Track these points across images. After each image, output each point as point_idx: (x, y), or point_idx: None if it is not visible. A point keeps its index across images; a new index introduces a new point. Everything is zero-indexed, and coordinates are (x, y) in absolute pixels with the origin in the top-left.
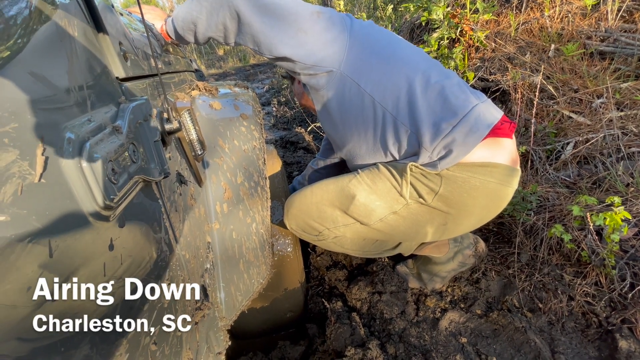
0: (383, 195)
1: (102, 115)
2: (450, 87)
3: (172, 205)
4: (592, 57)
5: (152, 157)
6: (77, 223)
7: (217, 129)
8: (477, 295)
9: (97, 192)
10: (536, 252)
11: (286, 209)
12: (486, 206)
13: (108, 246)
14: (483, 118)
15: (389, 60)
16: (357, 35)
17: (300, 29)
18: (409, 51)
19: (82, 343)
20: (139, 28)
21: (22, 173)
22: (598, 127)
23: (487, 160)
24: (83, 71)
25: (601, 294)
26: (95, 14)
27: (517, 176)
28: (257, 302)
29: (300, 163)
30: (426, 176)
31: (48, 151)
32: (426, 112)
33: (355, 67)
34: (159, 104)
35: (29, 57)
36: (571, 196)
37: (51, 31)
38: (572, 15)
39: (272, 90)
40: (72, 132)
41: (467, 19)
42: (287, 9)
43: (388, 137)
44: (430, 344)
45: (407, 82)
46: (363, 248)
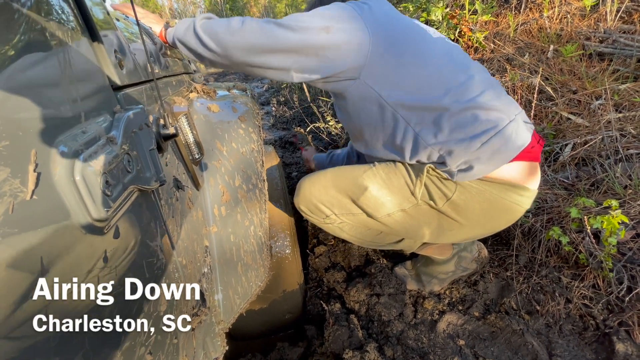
0: (395, 192)
1: (96, 126)
2: (485, 99)
3: (169, 210)
4: (591, 58)
5: (148, 166)
6: (71, 238)
7: (215, 132)
8: (475, 298)
9: (91, 206)
10: (534, 254)
11: (298, 189)
12: (495, 219)
13: (102, 259)
14: (514, 138)
15: (418, 72)
16: (379, 35)
17: (314, 54)
18: (439, 53)
19: (78, 355)
20: (135, 31)
21: (14, 191)
22: (596, 128)
23: (507, 180)
24: (77, 82)
25: (599, 297)
26: (89, 23)
27: (533, 197)
28: (256, 304)
29: (299, 163)
30: (442, 181)
31: (40, 167)
32: (454, 132)
33: (377, 75)
34: (156, 108)
35: (21, 71)
36: (569, 198)
37: (44, 43)
38: (571, 16)
39: (271, 90)
40: (65, 145)
41: (465, 20)
42: (292, 38)
43: (405, 148)
44: (428, 346)
45: (436, 100)
46: (365, 237)
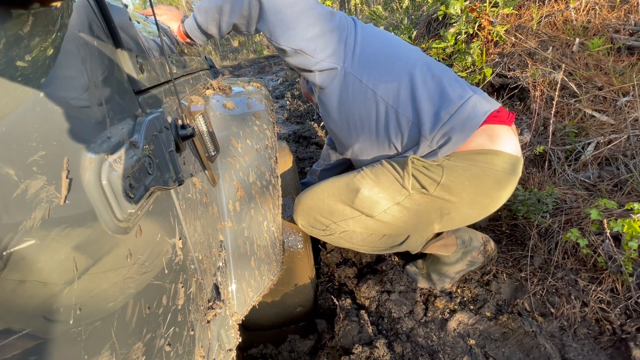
0: (386, 188)
1: (120, 130)
2: (448, 80)
3: (186, 206)
4: (620, 52)
5: (167, 167)
6: (99, 239)
7: (231, 129)
8: (487, 298)
9: (116, 208)
10: (550, 255)
11: (295, 206)
12: (488, 194)
13: (126, 257)
14: (480, 106)
15: (390, 58)
16: (361, 36)
17: (316, 24)
18: (408, 49)
19: (105, 347)
20: (154, 31)
21: (50, 197)
22: (622, 127)
23: (486, 148)
24: (102, 90)
25: (616, 301)
26: (113, 31)
27: (519, 164)
28: (269, 297)
29: (312, 159)
30: (428, 168)
31: (72, 173)
32: (426, 103)
33: (358, 64)
34: (174, 107)
35: (54, 83)
36: (590, 199)
37: (73, 54)
38: (600, 7)
39: (285, 83)
40: (92, 151)
41: (486, 13)
42: (307, 4)
43: (390, 129)
44: (438, 344)
45: (408, 76)
46: (371, 243)
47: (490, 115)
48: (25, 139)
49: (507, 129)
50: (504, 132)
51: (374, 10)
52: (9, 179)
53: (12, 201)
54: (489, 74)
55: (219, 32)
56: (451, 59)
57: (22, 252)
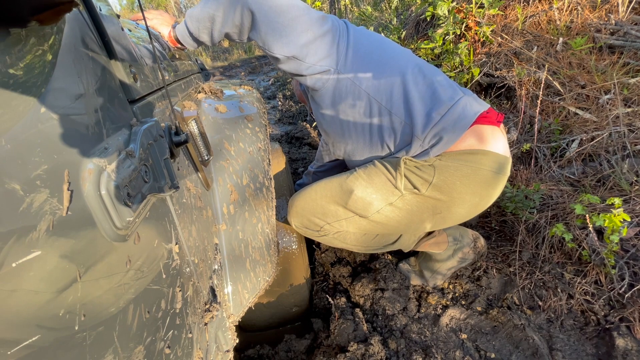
0: (379, 188)
1: (116, 141)
2: (439, 81)
3: (181, 211)
4: (601, 51)
5: (163, 174)
6: (100, 247)
7: (223, 132)
8: (478, 293)
9: (115, 217)
10: (538, 250)
11: (289, 207)
12: (478, 193)
13: (125, 263)
14: (470, 107)
15: (382, 59)
16: (353, 38)
17: (308, 30)
18: (399, 51)
19: (108, 350)
20: (144, 38)
21: (53, 209)
22: (604, 124)
23: (476, 148)
24: (98, 101)
25: (600, 293)
26: (107, 42)
27: (507, 163)
28: (264, 297)
29: (305, 159)
30: (420, 168)
31: (72, 185)
32: (418, 103)
33: (351, 66)
34: (167, 113)
35: (54, 98)
36: (575, 194)
37: (70, 68)
38: (582, 7)
39: (277, 84)
40: (91, 163)
41: (472, 14)
42: (298, 11)
43: (384, 130)
44: (431, 339)
45: (400, 78)
46: (364, 243)
47: (479, 116)
48: (29, 154)
49: (496, 129)
50: (493, 132)
51: (363, 11)
52: (15, 194)
53: (19, 215)
54: (477, 74)
55: (211, 40)
56: (440, 59)
57: (28, 263)
